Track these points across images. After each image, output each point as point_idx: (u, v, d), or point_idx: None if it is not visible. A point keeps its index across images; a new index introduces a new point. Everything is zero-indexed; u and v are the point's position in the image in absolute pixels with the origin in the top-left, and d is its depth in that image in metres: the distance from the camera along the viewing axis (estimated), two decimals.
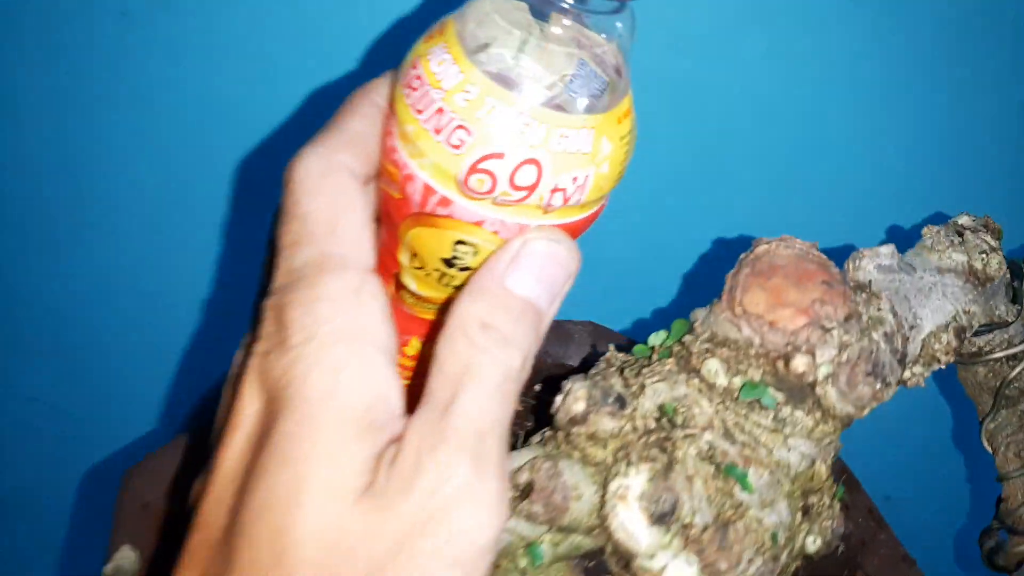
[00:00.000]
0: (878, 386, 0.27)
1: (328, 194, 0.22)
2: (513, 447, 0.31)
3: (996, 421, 0.39)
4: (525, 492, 0.29)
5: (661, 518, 0.27)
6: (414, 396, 0.22)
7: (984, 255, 0.32)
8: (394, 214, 0.23)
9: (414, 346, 0.27)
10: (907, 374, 0.30)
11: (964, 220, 0.33)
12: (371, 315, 0.21)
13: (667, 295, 0.53)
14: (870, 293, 0.29)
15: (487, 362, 0.21)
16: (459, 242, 0.22)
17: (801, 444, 0.28)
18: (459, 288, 0.23)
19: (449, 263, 0.23)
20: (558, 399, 0.29)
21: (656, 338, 0.32)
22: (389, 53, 0.46)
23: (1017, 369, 0.39)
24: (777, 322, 0.27)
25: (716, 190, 0.49)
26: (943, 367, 0.31)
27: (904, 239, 0.37)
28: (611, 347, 0.33)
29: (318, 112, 0.50)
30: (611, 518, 0.27)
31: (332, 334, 0.20)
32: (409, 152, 0.22)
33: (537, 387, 0.43)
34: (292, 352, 0.20)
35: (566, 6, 0.21)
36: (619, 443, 0.28)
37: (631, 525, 0.27)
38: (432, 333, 0.26)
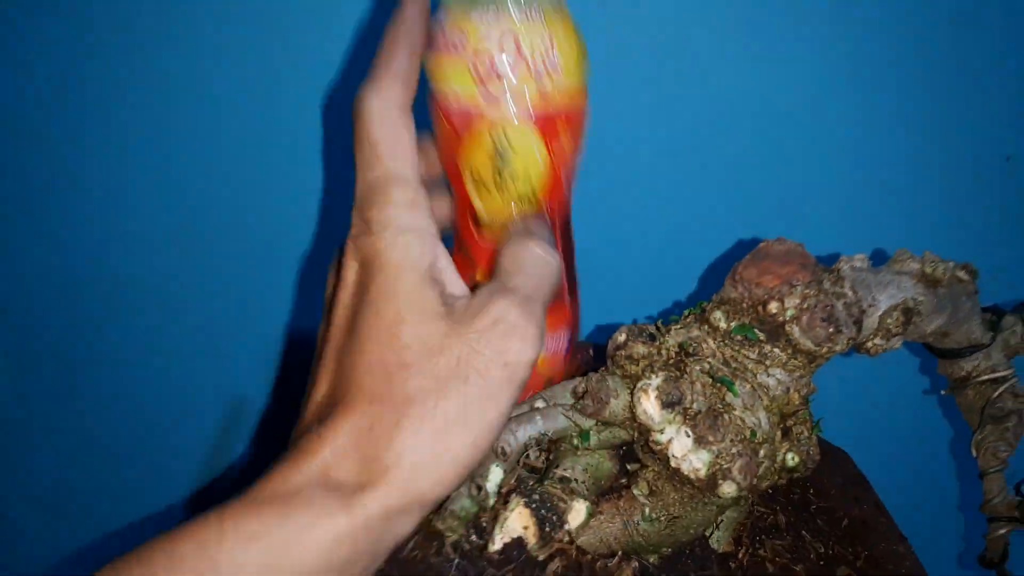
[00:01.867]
0: (831, 330, 0.39)
1: (388, 125, 0.32)
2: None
3: (983, 434, 0.48)
4: (581, 395, 0.42)
5: (670, 405, 0.39)
6: None
7: (934, 263, 0.43)
8: (453, 150, 0.35)
9: (482, 272, 0.41)
10: (869, 344, 0.41)
11: (929, 256, 0.45)
12: (423, 215, 0.32)
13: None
14: (837, 276, 0.41)
15: (534, 258, 0.35)
16: (496, 141, 0.34)
17: (777, 372, 0.40)
18: (512, 199, 0.37)
19: (498, 161, 0.35)
20: (609, 339, 0.43)
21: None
22: None
23: (999, 390, 0.48)
24: (761, 283, 0.40)
25: (735, 197, 0.61)
26: (898, 343, 0.42)
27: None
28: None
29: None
30: (636, 406, 0.40)
31: (401, 226, 0.31)
32: (440, 82, 0.34)
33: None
34: (375, 236, 0.31)
35: None
36: (647, 363, 0.41)
37: (650, 409, 0.39)
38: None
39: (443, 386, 0.29)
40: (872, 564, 0.45)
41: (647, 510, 0.41)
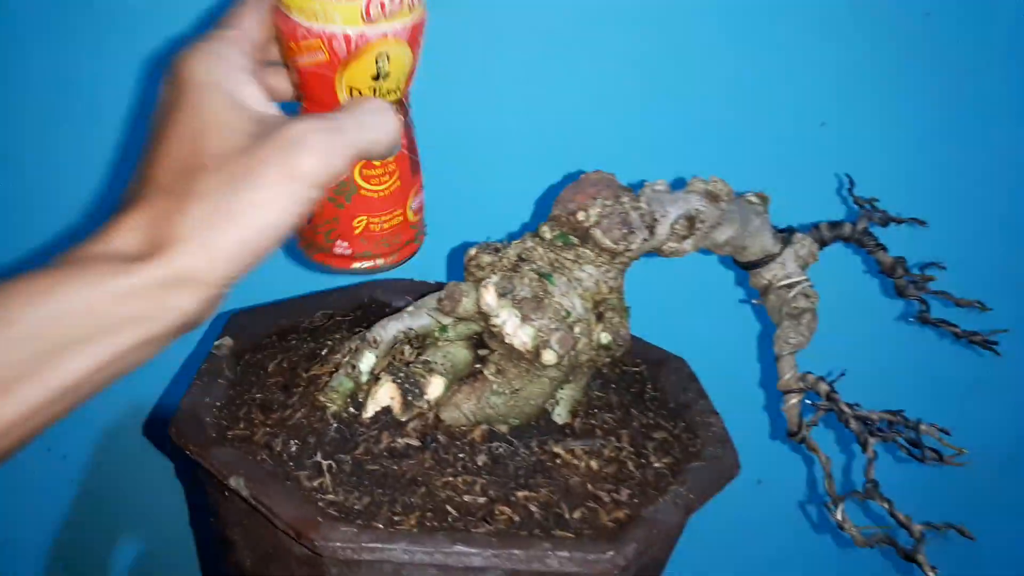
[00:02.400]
0: (625, 231, 0.49)
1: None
2: None
3: (782, 330, 0.59)
4: (443, 299, 0.52)
5: (503, 294, 0.49)
6: None
7: (715, 183, 0.54)
8: (325, 73, 0.40)
9: None
10: (665, 248, 0.52)
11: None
12: (234, 48, 0.36)
13: None
14: (636, 195, 0.52)
15: (368, 106, 0.38)
16: (376, 58, 0.40)
17: (588, 268, 0.51)
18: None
19: (376, 76, 0.41)
20: (464, 252, 0.53)
21: None
22: None
23: (794, 292, 0.59)
24: (575, 200, 0.51)
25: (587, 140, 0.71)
26: (688, 246, 0.52)
27: None
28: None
29: None
30: (480, 299, 0.50)
31: (209, 50, 0.35)
32: (323, 21, 0.39)
33: None
34: (185, 54, 0.35)
35: None
36: (491, 268, 0.51)
37: (489, 300, 0.49)
38: None
39: (230, 187, 0.32)
40: (687, 430, 0.56)
41: (495, 386, 0.51)
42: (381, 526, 0.42)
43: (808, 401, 0.58)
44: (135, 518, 0.90)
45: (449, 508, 0.45)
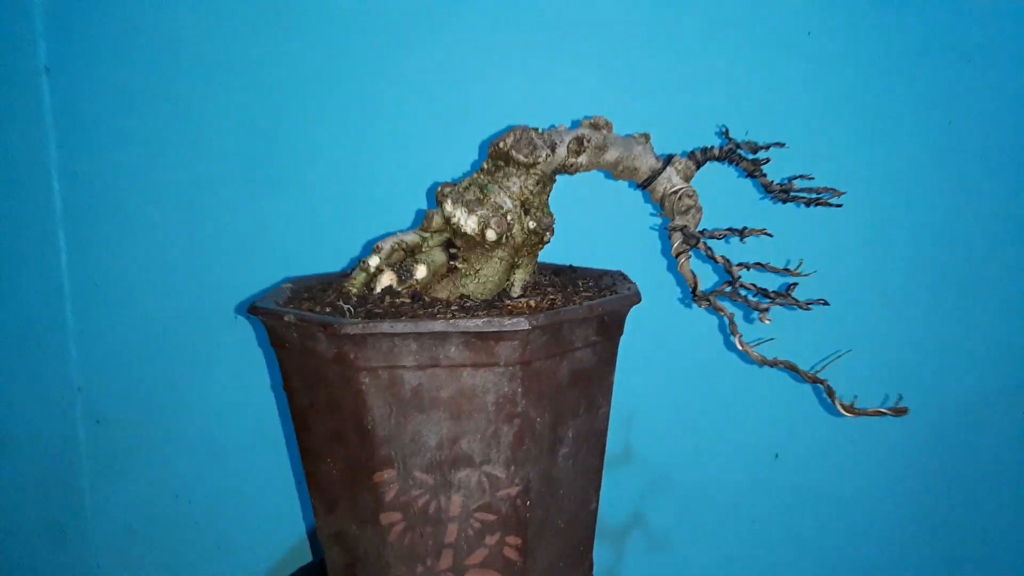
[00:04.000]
0: (531, 148, 0.74)
1: None
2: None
3: (674, 223, 0.80)
4: (423, 221, 0.77)
5: (456, 202, 0.73)
6: None
7: (597, 119, 0.78)
8: None
9: None
10: (567, 164, 0.76)
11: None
12: None
13: None
14: (540, 131, 0.77)
15: None
16: None
17: (513, 179, 0.75)
18: None
19: None
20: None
21: None
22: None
23: (679, 195, 0.81)
24: (502, 138, 0.76)
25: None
26: (584, 160, 0.76)
27: None
28: None
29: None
30: (442, 209, 0.74)
31: None
32: None
33: None
34: None
35: None
36: (450, 194, 0.76)
37: (448, 207, 0.74)
38: None
39: None
40: (608, 290, 0.76)
41: (463, 270, 0.75)
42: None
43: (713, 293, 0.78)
44: None
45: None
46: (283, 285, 0.81)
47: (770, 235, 0.71)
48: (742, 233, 0.72)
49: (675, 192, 0.80)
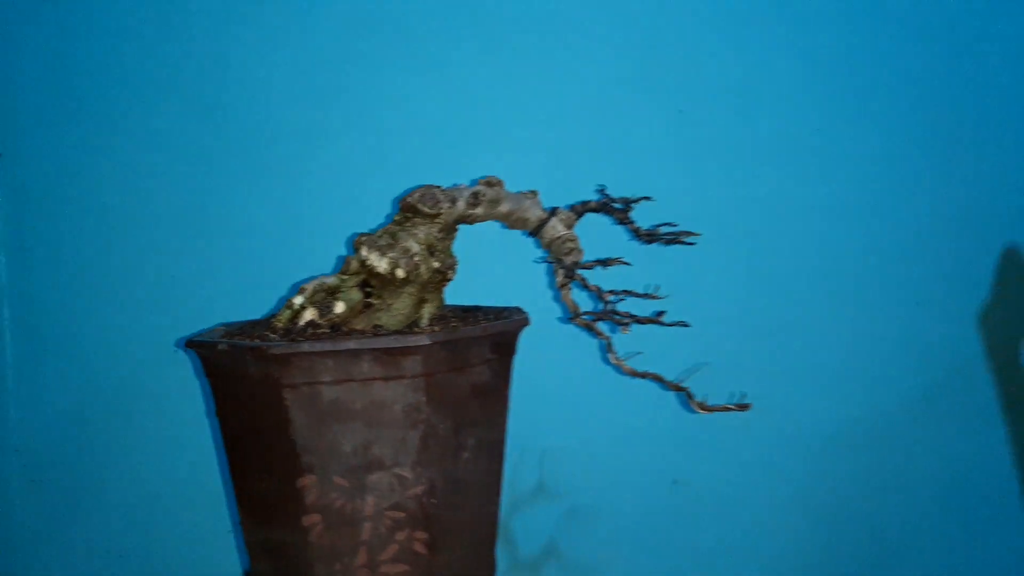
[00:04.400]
0: (434, 202, 0.88)
1: None
2: None
3: (557, 268, 0.94)
4: (342, 267, 0.89)
5: (371, 247, 0.86)
6: None
7: (491, 179, 0.93)
8: None
9: None
10: (468, 215, 0.90)
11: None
12: None
13: None
14: (444, 188, 0.91)
15: None
16: None
17: (420, 227, 0.88)
18: None
19: None
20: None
21: None
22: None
23: (562, 241, 0.95)
24: (408, 200, 0.90)
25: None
26: (480, 211, 0.90)
27: None
28: None
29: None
30: (359, 254, 0.87)
31: None
32: None
33: None
34: None
35: None
36: (366, 242, 0.89)
37: (363, 251, 0.86)
38: None
39: None
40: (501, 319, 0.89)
41: (376, 305, 0.87)
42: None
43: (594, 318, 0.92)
44: None
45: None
46: (215, 328, 0.92)
47: (628, 264, 0.85)
48: (606, 263, 0.86)
49: (559, 238, 0.95)
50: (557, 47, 1.18)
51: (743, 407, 0.82)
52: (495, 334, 0.82)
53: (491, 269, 1.10)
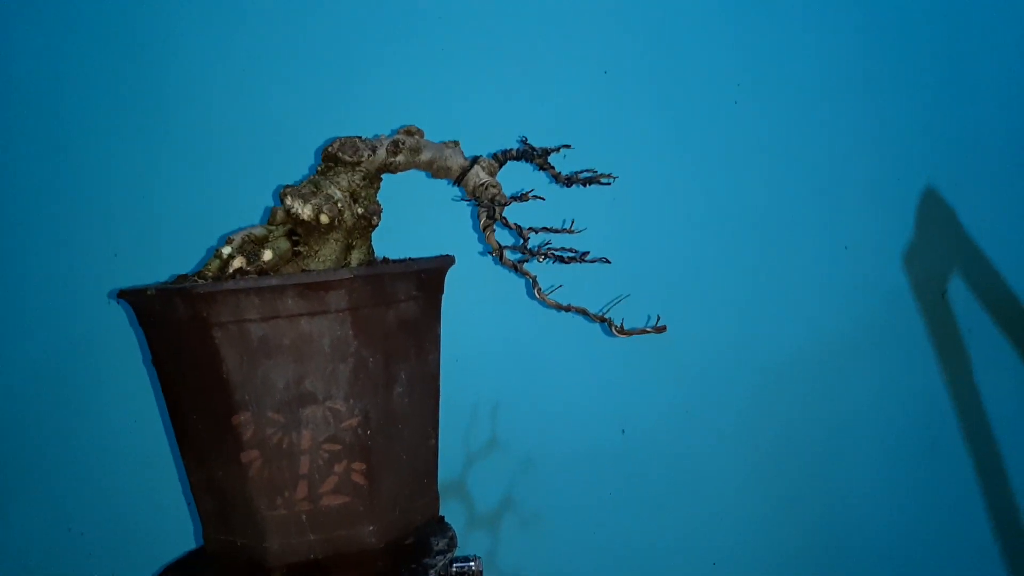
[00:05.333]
0: (354, 151, 0.91)
1: None
2: None
3: (479, 203, 0.98)
4: (269, 217, 0.92)
5: (294, 195, 0.89)
6: None
7: (410, 128, 0.96)
8: None
9: None
10: (389, 163, 0.93)
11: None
12: None
13: None
14: (368, 140, 0.94)
15: None
16: None
17: (342, 175, 0.91)
18: None
19: None
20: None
21: None
22: None
23: (484, 185, 0.99)
24: (329, 150, 0.93)
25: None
26: (402, 159, 0.93)
27: None
28: None
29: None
30: (284, 203, 0.89)
31: None
32: None
33: None
34: None
35: None
36: (292, 191, 0.92)
37: (288, 200, 0.89)
38: None
39: None
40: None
41: (303, 252, 0.89)
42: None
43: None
44: None
45: None
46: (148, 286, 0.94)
47: (542, 199, 0.89)
48: (522, 198, 0.90)
49: (482, 184, 0.98)
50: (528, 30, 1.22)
51: (659, 330, 0.86)
52: (419, 271, 0.85)
53: (422, 223, 1.13)
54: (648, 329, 0.87)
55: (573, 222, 0.90)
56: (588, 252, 0.91)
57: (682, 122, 1.27)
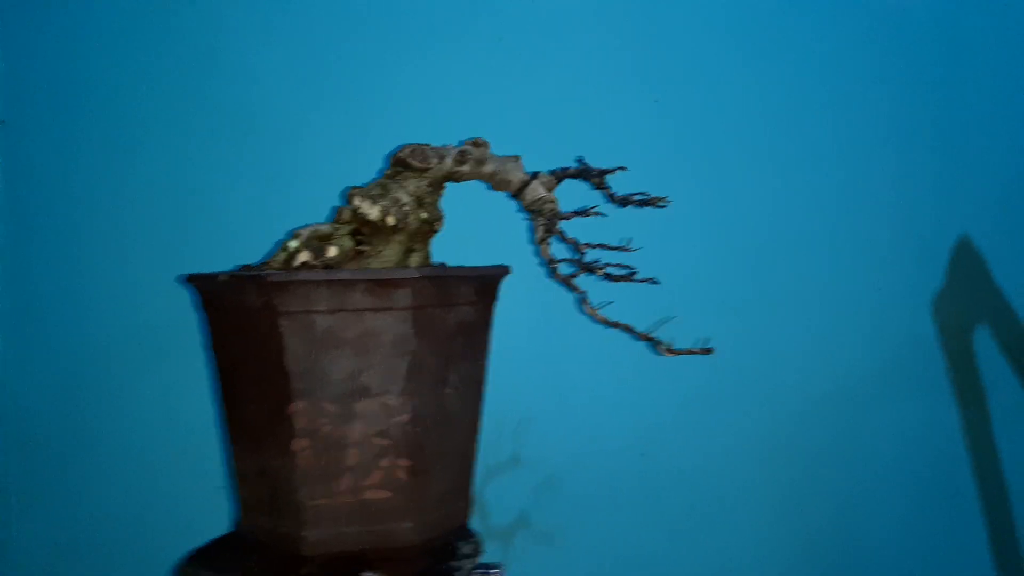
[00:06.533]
0: (423, 158, 0.94)
1: None
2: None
3: (536, 217, 1.00)
4: (336, 215, 0.95)
5: (363, 196, 0.92)
6: None
7: (476, 139, 0.99)
8: None
9: None
10: (455, 172, 0.96)
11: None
12: None
13: None
14: (433, 147, 0.97)
15: None
16: None
17: (410, 180, 0.94)
18: None
19: None
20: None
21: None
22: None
23: (541, 200, 1.01)
24: (399, 155, 0.96)
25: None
26: (467, 168, 0.96)
27: None
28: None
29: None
30: (351, 203, 0.92)
31: None
32: None
33: None
34: None
35: None
36: (363, 193, 0.95)
37: (356, 200, 0.92)
38: None
39: None
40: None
41: (367, 251, 0.92)
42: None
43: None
44: None
45: None
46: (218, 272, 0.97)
47: (604, 215, 0.92)
48: (585, 213, 0.93)
49: (539, 199, 1.01)
50: (547, 39, 1.26)
51: (706, 351, 0.88)
52: (479, 276, 0.88)
53: (477, 234, 1.16)
54: (695, 350, 0.89)
55: (630, 240, 0.93)
56: (637, 271, 0.94)
57: (739, 161, 1.30)
